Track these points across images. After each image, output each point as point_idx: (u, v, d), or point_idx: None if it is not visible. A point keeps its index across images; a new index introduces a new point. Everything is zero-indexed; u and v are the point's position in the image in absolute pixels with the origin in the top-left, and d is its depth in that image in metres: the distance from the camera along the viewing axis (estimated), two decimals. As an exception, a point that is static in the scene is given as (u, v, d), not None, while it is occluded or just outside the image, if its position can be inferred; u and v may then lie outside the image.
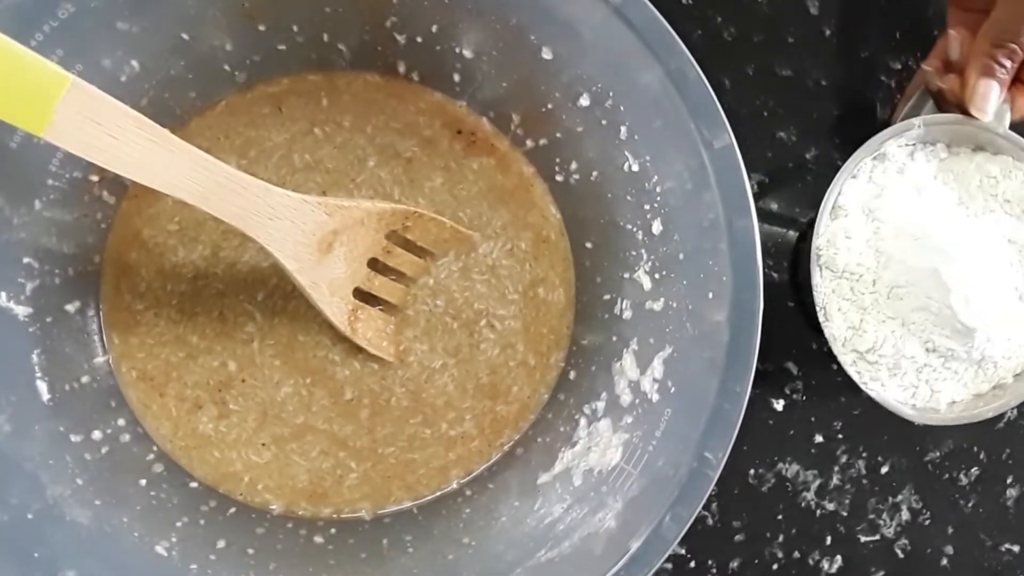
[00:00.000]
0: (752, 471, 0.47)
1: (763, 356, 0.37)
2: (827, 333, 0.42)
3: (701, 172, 0.38)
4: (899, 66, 0.49)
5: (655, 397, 0.40)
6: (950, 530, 0.48)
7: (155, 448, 0.42)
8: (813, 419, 0.47)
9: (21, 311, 0.40)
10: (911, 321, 0.42)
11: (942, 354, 0.42)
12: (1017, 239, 0.43)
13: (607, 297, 0.43)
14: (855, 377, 0.42)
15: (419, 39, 0.42)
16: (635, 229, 0.42)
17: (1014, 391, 0.43)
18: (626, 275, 0.42)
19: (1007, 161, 0.43)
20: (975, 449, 0.48)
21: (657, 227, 0.41)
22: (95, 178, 0.42)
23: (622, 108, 0.40)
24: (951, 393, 0.43)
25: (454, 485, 0.44)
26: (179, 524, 0.41)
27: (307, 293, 0.40)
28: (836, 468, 0.47)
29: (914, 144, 0.44)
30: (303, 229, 0.39)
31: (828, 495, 0.47)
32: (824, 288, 0.43)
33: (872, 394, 0.42)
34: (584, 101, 0.41)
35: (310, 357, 0.44)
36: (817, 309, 0.42)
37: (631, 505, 0.39)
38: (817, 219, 0.42)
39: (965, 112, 0.42)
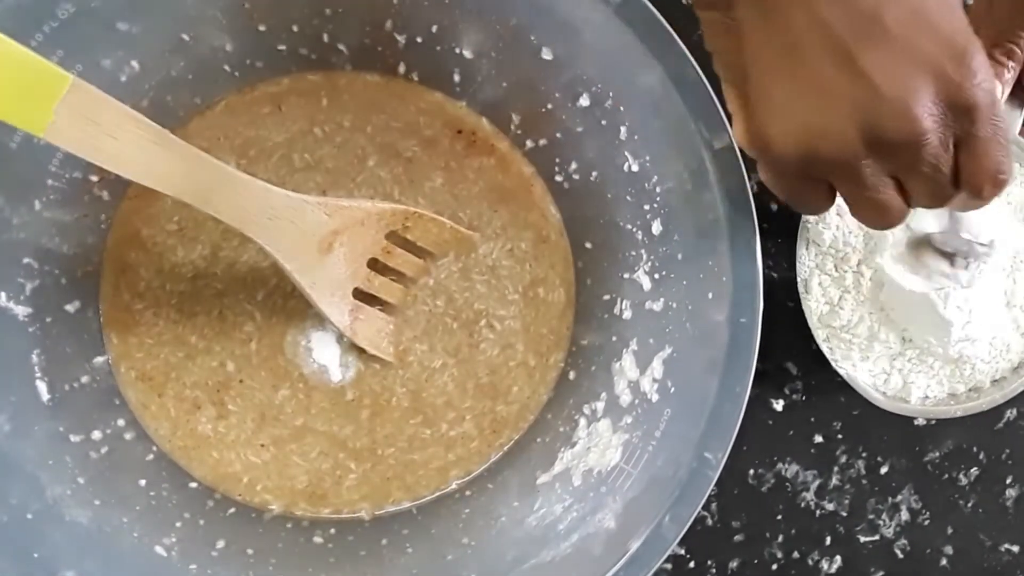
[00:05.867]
0: (752, 471, 0.47)
1: (763, 356, 0.37)
2: (804, 306, 0.42)
3: (701, 172, 0.38)
4: (899, 66, 0.49)
5: (655, 397, 0.40)
6: (950, 530, 0.48)
7: (155, 448, 0.42)
8: (813, 419, 0.47)
9: (21, 311, 0.40)
10: (890, 307, 0.42)
11: (918, 346, 0.42)
12: (1014, 244, 0.43)
13: (607, 297, 0.43)
14: (826, 353, 0.42)
15: (419, 39, 0.42)
16: (635, 229, 0.42)
17: (989, 396, 0.43)
18: (626, 275, 0.42)
19: (1014, 168, 0.43)
20: (975, 449, 0.48)
21: (657, 227, 0.41)
22: (95, 178, 0.42)
23: (622, 108, 0.40)
24: (924, 387, 0.43)
25: (453, 485, 0.44)
26: (179, 524, 0.41)
27: (307, 293, 0.40)
28: (836, 468, 0.47)
29: None
30: (303, 229, 0.39)
31: (828, 495, 0.47)
32: (808, 262, 0.43)
33: (842, 372, 0.42)
34: (584, 101, 0.41)
35: (310, 357, 0.44)
36: (798, 281, 0.43)
37: (631, 505, 0.39)
38: None
39: None
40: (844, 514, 0.47)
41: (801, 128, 0.30)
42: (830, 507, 0.47)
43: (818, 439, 0.47)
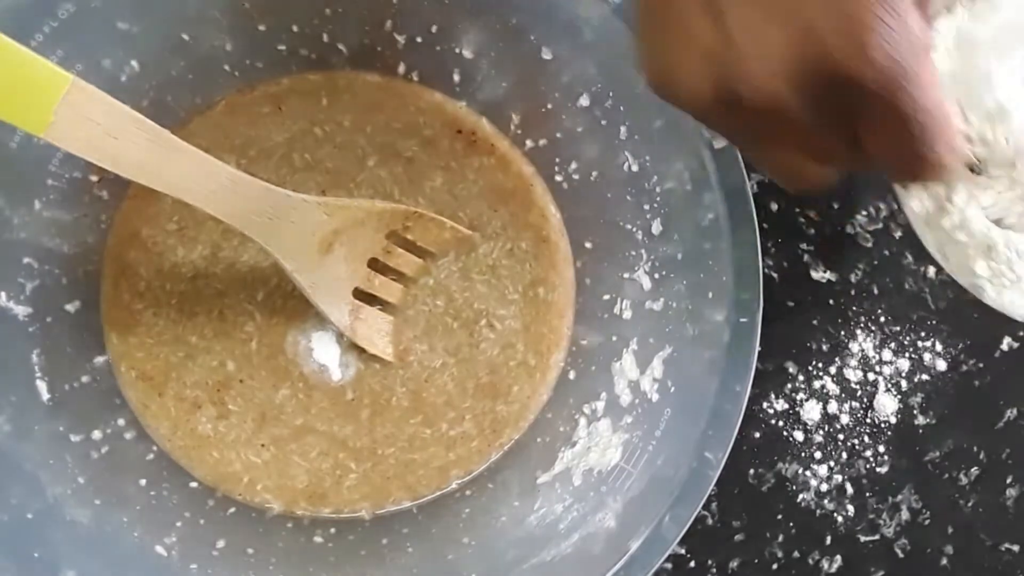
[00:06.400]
0: (752, 471, 0.47)
1: (763, 356, 0.37)
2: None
3: (701, 172, 0.38)
4: (899, 66, 0.49)
5: (655, 397, 0.40)
6: (950, 530, 0.48)
7: (155, 448, 0.42)
8: (813, 418, 0.47)
9: (21, 311, 0.40)
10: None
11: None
12: None
13: (607, 297, 0.43)
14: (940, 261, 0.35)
15: (419, 39, 0.42)
16: (635, 229, 0.42)
17: None
18: (626, 275, 0.42)
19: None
20: (975, 449, 0.48)
21: (657, 227, 0.41)
22: (95, 178, 0.42)
23: (622, 108, 0.40)
24: None
25: (454, 485, 0.44)
26: (179, 524, 0.41)
27: (307, 293, 0.40)
28: (836, 468, 0.47)
29: None
30: (303, 229, 0.39)
31: (828, 495, 0.47)
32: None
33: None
34: (584, 101, 0.41)
35: (310, 357, 0.44)
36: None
37: (631, 505, 0.39)
38: None
39: None
40: (844, 514, 0.47)
41: (661, 66, 0.26)
42: (830, 507, 0.47)
43: (818, 438, 0.47)
